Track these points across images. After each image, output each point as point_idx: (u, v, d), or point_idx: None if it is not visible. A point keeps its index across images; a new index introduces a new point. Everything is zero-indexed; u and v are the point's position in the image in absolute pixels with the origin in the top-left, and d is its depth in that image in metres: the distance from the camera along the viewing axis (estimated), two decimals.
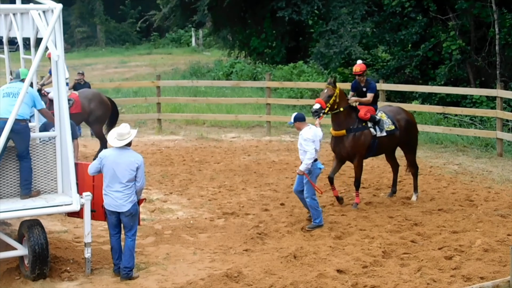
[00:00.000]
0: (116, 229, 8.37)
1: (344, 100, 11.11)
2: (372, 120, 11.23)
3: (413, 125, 11.99)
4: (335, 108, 10.97)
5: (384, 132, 11.29)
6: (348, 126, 11.12)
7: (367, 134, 11.20)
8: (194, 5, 28.39)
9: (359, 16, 24.77)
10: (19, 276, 8.27)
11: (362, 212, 11.00)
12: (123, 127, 8.29)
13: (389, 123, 11.41)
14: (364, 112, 11.21)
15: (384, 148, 11.57)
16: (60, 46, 8.23)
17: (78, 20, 48.69)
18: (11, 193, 8.43)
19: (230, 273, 8.23)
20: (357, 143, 11.14)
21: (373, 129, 11.24)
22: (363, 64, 11.64)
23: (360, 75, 11.51)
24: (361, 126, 11.18)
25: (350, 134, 11.11)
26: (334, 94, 10.88)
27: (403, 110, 12.00)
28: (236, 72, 26.64)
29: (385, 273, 8.27)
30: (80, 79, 17.36)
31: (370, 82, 11.54)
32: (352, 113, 11.22)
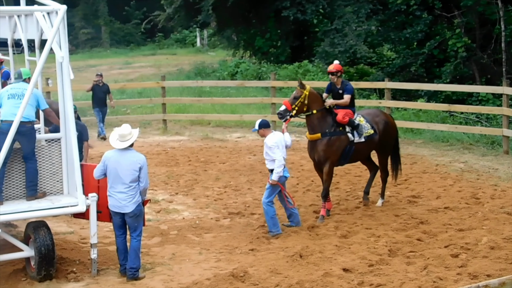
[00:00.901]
0: (121, 230, 8.38)
1: (317, 103, 10.49)
2: (350, 124, 10.65)
3: (392, 127, 11.42)
4: (304, 110, 10.42)
5: (363, 138, 10.71)
6: (323, 129, 10.51)
7: (343, 139, 10.59)
8: (198, 5, 28.42)
9: (364, 15, 24.74)
10: (25, 277, 8.29)
11: (367, 210, 10.98)
12: (124, 128, 8.27)
13: (368, 127, 10.83)
14: (342, 115, 10.57)
15: (360, 154, 11.00)
16: (65, 48, 8.23)
17: (82, 22, 48.75)
18: (17, 195, 8.45)
19: (236, 273, 8.22)
20: (331, 149, 10.51)
21: (350, 134, 10.64)
22: (339, 65, 11.13)
23: (333, 74, 10.91)
24: (338, 131, 10.57)
25: (324, 138, 10.49)
26: (302, 96, 10.33)
27: (382, 112, 11.55)
28: (241, 72, 26.65)
29: (391, 271, 8.24)
30: (98, 80, 17.38)
31: (347, 84, 10.99)
32: (327, 116, 10.60)
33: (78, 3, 47.82)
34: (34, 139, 8.39)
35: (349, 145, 10.62)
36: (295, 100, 10.38)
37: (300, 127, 18.95)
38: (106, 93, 17.48)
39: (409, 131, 17.60)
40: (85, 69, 34.47)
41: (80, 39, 48.18)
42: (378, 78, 22.28)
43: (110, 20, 49.58)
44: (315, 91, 10.63)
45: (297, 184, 12.89)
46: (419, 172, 13.66)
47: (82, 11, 48.94)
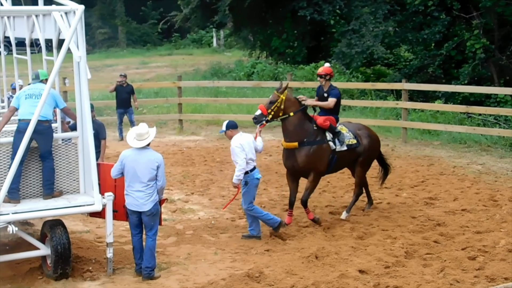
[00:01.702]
0: (138, 229, 8.39)
1: (294, 108, 10.02)
2: (331, 130, 10.19)
3: (376, 142, 10.92)
4: (280, 115, 9.96)
5: (345, 146, 10.26)
6: (301, 138, 9.98)
7: (325, 148, 10.11)
8: (215, 5, 28.45)
9: (381, 16, 24.63)
10: (42, 276, 8.32)
11: (384, 212, 10.92)
12: (141, 127, 8.29)
13: (350, 136, 10.41)
14: (323, 119, 10.16)
15: (343, 164, 10.55)
16: (82, 47, 8.25)
17: (99, 21, 49.03)
18: (33, 194, 8.49)
19: (251, 273, 8.21)
20: (313, 159, 10.00)
21: (332, 142, 10.17)
22: (329, 68, 10.74)
23: (322, 77, 10.56)
24: (319, 139, 10.09)
25: (304, 148, 9.98)
26: (278, 100, 9.89)
27: (364, 126, 11.03)
28: (257, 72, 26.65)
29: (407, 273, 8.19)
30: (121, 81, 17.33)
31: (333, 88, 10.60)
32: (305, 123, 10.07)
33: (95, 3, 48.10)
34: (51, 138, 8.43)
35: (332, 154, 10.18)
36: (271, 104, 9.93)
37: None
38: (130, 93, 17.41)
39: (426, 132, 17.51)
40: (102, 68, 34.67)
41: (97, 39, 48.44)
42: (395, 79, 22.20)
43: (127, 20, 49.82)
44: (292, 97, 10.24)
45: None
46: (436, 173, 13.57)
47: (99, 11, 49.23)
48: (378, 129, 18.20)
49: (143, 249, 8.39)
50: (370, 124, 18.26)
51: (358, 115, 19.74)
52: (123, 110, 17.33)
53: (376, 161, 11.30)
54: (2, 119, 8.60)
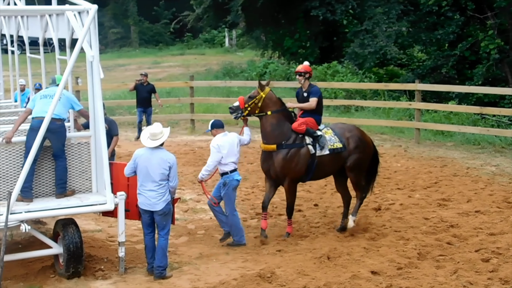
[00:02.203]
0: (150, 228, 8.40)
1: (273, 107, 9.61)
2: (308, 134, 9.61)
3: (367, 145, 10.10)
4: (255, 112, 9.59)
5: (327, 150, 9.60)
6: (280, 140, 9.50)
7: (304, 153, 9.52)
8: (228, 5, 28.45)
9: (395, 16, 24.53)
10: (54, 274, 8.34)
11: (396, 213, 10.86)
12: (156, 127, 8.31)
13: (335, 140, 9.74)
14: (298, 123, 9.58)
15: (326, 170, 9.85)
16: (95, 47, 8.27)
17: (112, 21, 49.16)
18: (46, 192, 8.51)
19: (263, 273, 8.19)
20: (290, 164, 9.46)
21: (312, 146, 9.57)
22: (308, 66, 10.12)
23: (300, 75, 9.94)
24: (297, 143, 9.53)
25: (281, 151, 9.48)
26: (257, 96, 9.56)
27: (356, 129, 10.24)
28: (270, 72, 26.62)
29: (420, 275, 8.14)
30: (141, 79, 17.13)
31: (313, 86, 10.02)
32: (285, 125, 9.61)
33: (108, 2, 48.24)
34: (64, 137, 8.45)
35: (311, 159, 9.55)
36: (250, 99, 9.60)
37: None
38: (151, 92, 17.32)
39: (439, 133, 17.43)
40: (114, 68, 34.76)
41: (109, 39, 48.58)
42: (408, 80, 22.10)
43: (139, 19, 49.92)
44: (275, 97, 9.72)
45: (325, 185, 12.80)
46: (450, 175, 13.49)
47: (112, 11, 49.36)
48: (390, 130, 18.19)
49: (155, 249, 8.39)
50: (382, 125, 18.34)
51: (370, 116, 19.68)
52: (143, 109, 17.19)
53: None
54: (18, 119, 8.65)
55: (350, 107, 20.64)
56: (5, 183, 8.24)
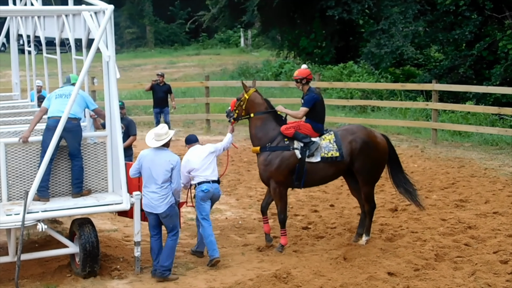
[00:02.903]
0: (156, 230, 8.32)
1: (257, 109, 9.38)
2: (297, 138, 9.16)
3: (373, 148, 9.27)
4: (242, 115, 9.44)
5: (318, 158, 9.09)
6: (264, 142, 9.22)
7: (287, 156, 9.08)
8: (243, 5, 28.47)
9: (411, 15, 24.39)
10: (70, 274, 8.36)
11: (413, 214, 10.78)
12: (161, 128, 8.26)
13: (332, 148, 9.14)
14: (286, 126, 9.23)
15: (320, 177, 9.30)
16: (111, 47, 8.28)
17: (127, 21, 49.29)
18: (63, 192, 8.53)
19: (279, 274, 8.16)
20: (271, 166, 9.10)
21: (299, 151, 9.12)
22: (305, 70, 9.52)
23: (297, 81, 9.46)
24: (282, 146, 9.15)
25: (264, 153, 9.18)
26: (241, 99, 9.44)
27: (363, 130, 9.45)
28: (285, 72, 26.57)
29: (437, 276, 8.08)
30: (157, 80, 16.99)
31: (309, 93, 9.38)
32: (271, 127, 9.29)
33: (123, 2, 48.38)
34: (79, 136, 8.46)
35: (299, 164, 9.11)
36: (237, 102, 9.51)
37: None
38: (167, 93, 17.19)
39: (457, 134, 17.31)
40: (130, 68, 34.87)
41: (125, 39, 48.74)
42: (425, 80, 21.98)
43: (155, 20, 50.03)
44: (260, 98, 9.47)
45: (341, 186, 12.74)
46: (467, 175, 13.38)
47: (128, 11, 49.49)
48: (407, 130, 18.09)
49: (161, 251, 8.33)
50: (399, 125, 18.23)
51: (387, 116, 19.60)
52: (159, 110, 17.08)
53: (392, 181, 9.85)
54: (33, 119, 8.68)
55: (366, 107, 20.57)
56: (22, 183, 8.27)
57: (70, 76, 9.03)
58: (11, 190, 8.25)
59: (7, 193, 8.21)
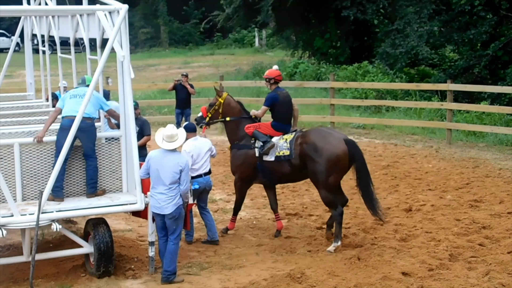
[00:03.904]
0: (164, 231, 8.23)
1: (233, 112, 9.90)
2: (255, 137, 9.67)
3: (321, 153, 9.14)
4: (219, 118, 9.94)
5: (273, 157, 9.49)
6: (233, 141, 9.94)
7: (249, 154, 9.66)
8: (258, 5, 28.47)
9: (426, 15, 24.25)
10: (85, 273, 8.40)
11: (427, 214, 10.74)
12: (170, 128, 8.15)
13: (285, 147, 9.46)
14: (248, 125, 9.81)
15: (281, 176, 9.64)
16: (126, 47, 8.29)
17: (142, 21, 49.46)
18: (77, 192, 8.57)
19: (293, 274, 8.15)
20: (235, 162, 9.83)
21: (257, 149, 9.61)
22: (275, 71, 10.00)
23: (266, 81, 9.98)
24: (246, 144, 9.72)
25: (232, 150, 9.94)
26: (216, 103, 9.94)
27: (317, 133, 9.49)
28: (300, 72, 26.55)
29: (451, 276, 8.04)
30: (180, 80, 16.76)
31: (270, 92, 9.94)
32: (240, 128, 9.88)
33: (138, 2, 48.57)
34: (94, 136, 8.48)
35: (259, 162, 9.61)
36: (210, 107, 10.01)
37: (359, 128, 18.76)
38: (190, 94, 16.95)
39: (471, 134, 17.22)
40: (144, 68, 35.00)
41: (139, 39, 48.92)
42: (440, 80, 21.87)
43: (169, 19, 50.14)
44: (233, 101, 10.02)
45: (354, 186, 12.69)
46: (482, 176, 13.30)
47: (142, 11, 49.67)
48: (422, 130, 18.01)
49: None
50: (414, 125, 18.16)
51: (402, 116, 19.52)
52: (181, 111, 16.93)
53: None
54: (48, 119, 8.72)
55: (381, 107, 20.50)
56: (36, 183, 8.31)
57: (85, 77, 9.06)
58: (25, 190, 8.29)
59: (22, 193, 8.25)
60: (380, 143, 16.91)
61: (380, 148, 16.32)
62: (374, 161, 14.72)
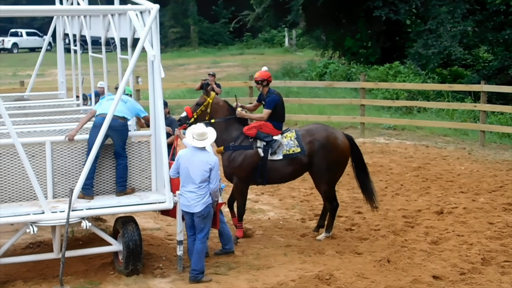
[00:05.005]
0: (192, 230, 8.24)
1: (222, 112, 9.54)
2: (259, 138, 9.47)
3: (331, 150, 9.49)
4: (206, 119, 9.45)
5: (280, 156, 9.43)
6: (227, 142, 9.46)
7: (250, 154, 9.41)
8: (288, 5, 28.39)
9: (460, 15, 23.95)
10: (113, 271, 8.42)
11: (459, 217, 10.57)
12: (200, 127, 8.17)
13: (293, 145, 9.47)
14: (248, 127, 9.54)
15: (281, 174, 9.60)
16: (157, 46, 8.31)
17: (171, 21, 49.70)
18: (107, 190, 8.60)
19: (322, 275, 8.08)
20: (233, 164, 9.41)
21: (262, 150, 9.43)
22: (265, 72, 9.87)
23: (258, 83, 9.80)
24: (245, 145, 9.45)
25: (227, 152, 9.45)
26: (204, 103, 9.49)
27: (322, 131, 9.67)
28: (330, 72, 26.43)
29: (484, 281, 7.91)
30: (207, 80, 16.56)
31: (270, 95, 9.70)
32: (233, 129, 9.55)
33: (168, 2, 48.78)
34: (125, 135, 8.51)
35: (261, 162, 9.44)
36: (197, 107, 9.53)
37: (389, 129, 18.59)
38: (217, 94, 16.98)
39: (505, 136, 16.96)
40: (174, 68, 35.17)
41: (169, 38, 49.15)
42: (473, 81, 21.60)
43: (199, 19, 50.30)
44: (221, 101, 9.74)
45: (385, 187, 12.59)
46: None
47: (172, 11, 49.88)
48: (454, 132, 17.78)
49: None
50: (446, 127, 17.93)
51: (433, 117, 19.31)
52: None
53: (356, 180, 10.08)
54: (82, 119, 8.79)
55: (412, 108, 20.29)
56: (67, 180, 8.37)
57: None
58: (56, 187, 8.35)
59: (53, 190, 8.31)
60: (411, 144, 16.73)
61: (411, 149, 16.14)
62: (405, 163, 14.57)
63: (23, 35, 51.98)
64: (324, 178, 9.61)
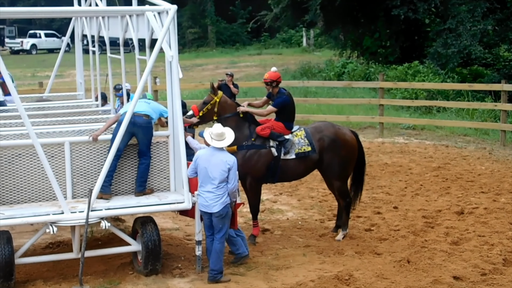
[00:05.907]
0: (211, 230, 8.23)
1: (230, 111, 9.49)
2: (272, 138, 9.48)
3: (341, 146, 9.63)
4: (214, 118, 9.44)
5: (293, 155, 9.47)
6: (240, 141, 9.36)
7: (264, 153, 9.41)
8: (306, 4, 28.30)
9: (480, 14, 23.69)
10: (132, 271, 8.44)
11: (480, 217, 10.47)
12: (218, 127, 8.17)
13: (304, 143, 9.54)
14: (261, 127, 9.50)
15: (294, 173, 9.67)
16: (174, 47, 8.32)
17: (189, 21, 49.83)
18: (126, 190, 8.62)
19: (341, 276, 8.04)
20: (249, 163, 9.34)
21: (275, 149, 9.45)
22: (274, 73, 9.80)
23: (268, 84, 9.75)
24: (258, 144, 9.44)
25: (241, 152, 9.34)
26: (211, 102, 9.41)
27: (332, 127, 9.80)
28: (348, 72, 26.33)
29: (505, 281, 7.84)
30: (224, 80, 16.62)
31: (279, 96, 9.70)
32: (245, 127, 9.51)
33: (186, 2, 48.92)
34: (150, 133, 8.50)
35: (273, 161, 9.45)
36: (204, 105, 9.47)
37: (409, 129, 18.48)
38: (235, 94, 16.76)
39: None
40: (192, 68, 35.24)
41: (187, 39, 49.28)
42: (494, 80, 21.39)
43: (217, 19, 50.38)
44: (229, 100, 9.67)
45: (405, 188, 12.51)
46: None
47: (190, 11, 50.02)
48: (474, 131, 17.63)
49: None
50: (466, 126, 17.78)
51: (453, 117, 19.16)
52: None
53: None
54: (108, 120, 8.81)
55: (431, 108, 20.14)
56: (86, 181, 8.40)
57: (146, 94, 9.16)
58: (75, 188, 8.38)
59: (72, 191, 8.35)
60: (430, 144, 16.62)
61: (430, 149, 16.03)
62: (425, 163, 14.47)
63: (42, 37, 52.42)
64: (336, 174, 9.73)
